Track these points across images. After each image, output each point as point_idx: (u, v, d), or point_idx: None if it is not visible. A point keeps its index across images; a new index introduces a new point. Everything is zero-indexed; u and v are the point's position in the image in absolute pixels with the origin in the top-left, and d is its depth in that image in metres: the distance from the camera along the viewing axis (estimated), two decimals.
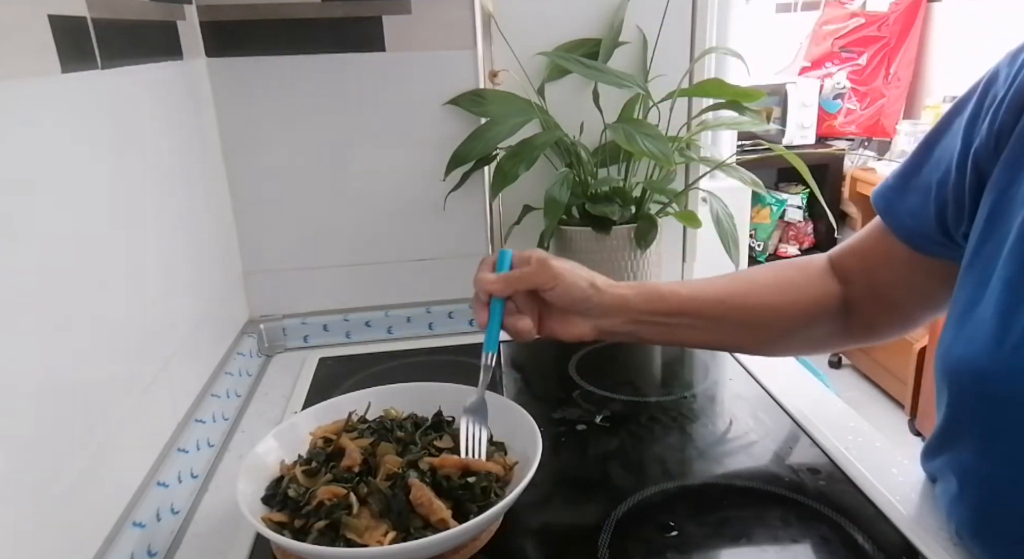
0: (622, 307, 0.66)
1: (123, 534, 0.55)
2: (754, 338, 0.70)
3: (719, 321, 0.68)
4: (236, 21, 0.88)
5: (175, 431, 0.69)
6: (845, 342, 0.71)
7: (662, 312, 0.66)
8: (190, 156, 0.83)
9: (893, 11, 2.78)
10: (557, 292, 0.64)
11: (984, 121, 0.53)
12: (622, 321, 0.66)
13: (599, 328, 0.66)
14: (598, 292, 0.65)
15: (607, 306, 0.66)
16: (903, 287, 0.64)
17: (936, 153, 0.58)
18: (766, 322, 0.68)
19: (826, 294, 0.68)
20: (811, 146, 2.83)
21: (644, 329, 0.67)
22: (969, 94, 0.56)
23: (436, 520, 0.54)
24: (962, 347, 0.51)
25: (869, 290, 0.66)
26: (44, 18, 0.52)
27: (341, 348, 0.99)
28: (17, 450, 0.45)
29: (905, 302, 0.65)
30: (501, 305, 0.64)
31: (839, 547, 0.57)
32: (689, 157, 1.00)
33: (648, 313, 0.66)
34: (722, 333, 0.68)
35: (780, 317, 0.68)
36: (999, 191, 0.51)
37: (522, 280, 0.64)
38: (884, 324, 0.68)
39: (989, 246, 0.51)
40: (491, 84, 0.97)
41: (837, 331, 0.69)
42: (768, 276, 0.72)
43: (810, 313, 0.68)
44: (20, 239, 0.48)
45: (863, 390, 2.71)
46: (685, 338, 0.69)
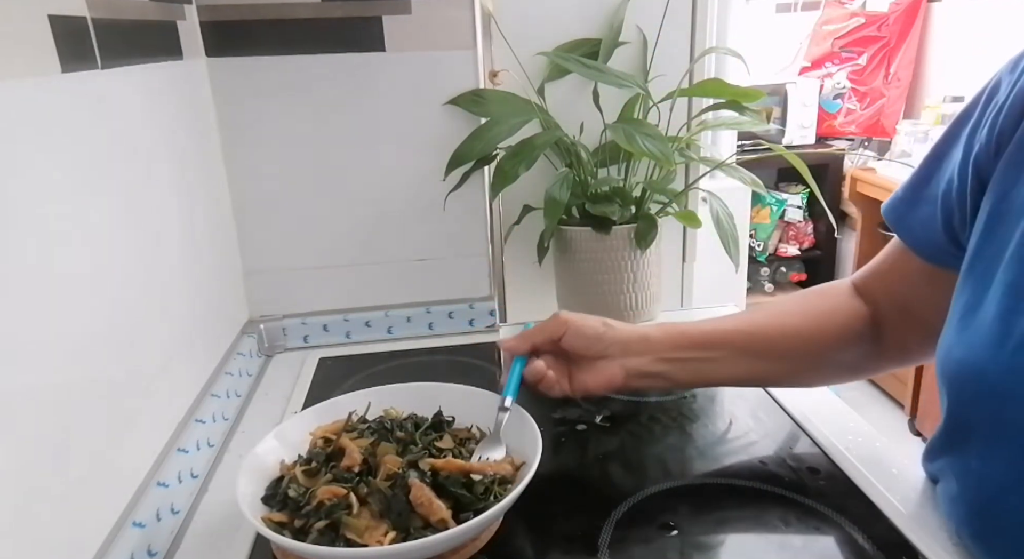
0: (643, 344, 0.66)
1: (123, 534, 0.55)
2: (786, 368, 0.69)
3: (748, 352, 0.67)
4: (236, 21, 0.88)
5: (175, 431, 0.69)
6: (880, 365, 0.70)
7: (687, 346, 0.66)
8: (190, 156, 0.83)
9: (893, 11, 2.78)
10: (570, 335, 0.66)
11: (984, 128, 0.53)
12: (649, 360, 0.66)
13: (627, 369, 0.66)
14: (611, 329, 0.66)
15: (625, 341, 0.66)
16: (925, 303, 0.62)
17: (943, 164, 0.58)
18: (796, 350, 0.67)
19: (854, 317, 0.67)
20: (811, 146, 2.83)
21: (674, 368, 0.66)
22: (973, 104, 0.56)
23: (436, 520, 0.54)
24: (963, 350, 0.51)
25: (895, 310, 0.66)
26: (44, 18, 0.52)
27: (341, 348, 0.99)
28: (17, 450, 0.45)
29: (931, 318, 0.61)
30: (521, 362, 0.67)
31: (839, 547, 0.57)
32: (689, 157, 1.00)
33: (672, 348, 0.66)
34: (753, 365, 0.68)
35: (809, 344, 0.67)
36: (999, 195, 0.51)
37: (536, 333, 0.67)
38: (917, 343, 0.67)
39: (989, 250, 0.51)
40: (491, 84, 0.97)
41: (870, 354, 0.68)
42: (792, 304, 0.71)
43: (840, 338, 0.67)
44: (20, 239, 0.48)
45: (863, 390, 2.71)
46: (716, 374, 0.69)
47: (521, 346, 0.67)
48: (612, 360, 0.66)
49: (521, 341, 0.67)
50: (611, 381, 0.66)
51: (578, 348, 0.66)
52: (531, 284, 1.09)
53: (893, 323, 0.66)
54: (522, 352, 0.67)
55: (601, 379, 0.66)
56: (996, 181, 0.51)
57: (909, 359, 0.70)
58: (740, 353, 0.67)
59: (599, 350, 0.66)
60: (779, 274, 3.00)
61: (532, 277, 1.07)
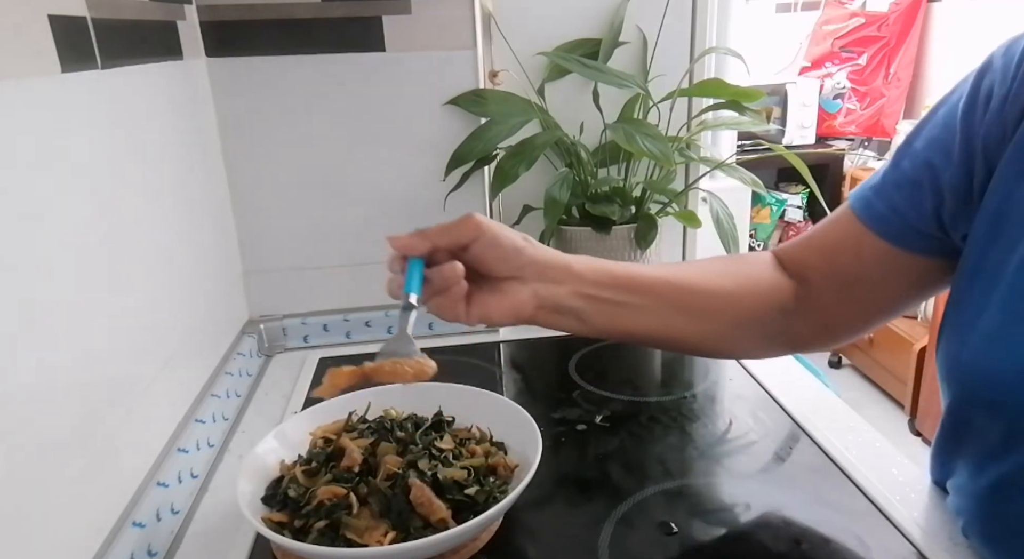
0: (565, 272, 0.58)
1: (123, 534, 0.55)
2: (706, 330, 0.63)
3: (671, 305, 0.61)
4: (236, 21, 0.88)
5: (175, 431, 0.69)
6: (798, 343, 0.66)
7: (610, 285, 0.59)
8: (190, 156, 0.83)
9: (893, 11, 2.78)
10: (483, 244, 0.55)
11: (986, 112, 0.51)
12: (567, 292, 0.58)
13: (539, 298, 0.57)
14: (532, 246, 0.57)
15: (544, 264, 0.57)
16: (874, 284, 0.60)
17: (920, 146, 0.56)
18: (720, 311, 0.62)
19: (778, 289, 0.63)
20: (811, 146, 2.83)
21: (591, 308, 0.58)
22: (960, 87, 0.54)
23: (436, 520, 0.54)
24: (971, 354, 0.50)
25: (834, 286, 0.62)
26: (44, 18, 0.52)
27: (341, 348, 0.99)
28: (17, 450, 0.45)
29: (875, 299, 0.61)
30: (419, 263, 0.56)
31: (839, 547, 0.57)
32: (689, 157, 1.00)
33: (595, 285, 0.58)
34: (674, 320, 0.61)
35: (735, 307, 0.62)
36: (1003, 194, 0.50)
37: (440, 233, 0.55)
38: (848, 323, 0.64)
39: (996, 251, 0.50)
40: (491, 84, 0.97)
41: (790, 330, 0.64)
42: (719, 264, 0.67)
43: (765, 305, 0.63)
44: (19, 238, 0.48)
45: (863, 390, 2.71)
46: (635, 325, 0.61)
47: (419, 246, 0.55)
48: (524, 284, 0.57)
49: (420, 239, 0.55)
50: (519, 310, 0.57)
51: (489, 261, 0.56)
52: None
53: (826, 300, 0.62)
54: (419, 253, 0.55)
55: (507, 306, 0.57)
56: (999, 178, 0.50)
57: (834, 339, 0.66)
58: (665, 305, 0.60)
59: (513, 268, 0.57)
60: None
61: None
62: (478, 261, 0.56)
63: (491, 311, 0.56)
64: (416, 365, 0.54)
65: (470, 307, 0.56)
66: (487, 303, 0.56)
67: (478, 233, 0.55)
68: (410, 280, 0.55)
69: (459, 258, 0.56)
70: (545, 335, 1.00)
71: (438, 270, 0.55)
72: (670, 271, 0.63)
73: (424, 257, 0.55)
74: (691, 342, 0.64)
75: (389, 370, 0.54)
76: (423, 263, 0.55)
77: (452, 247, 0.56)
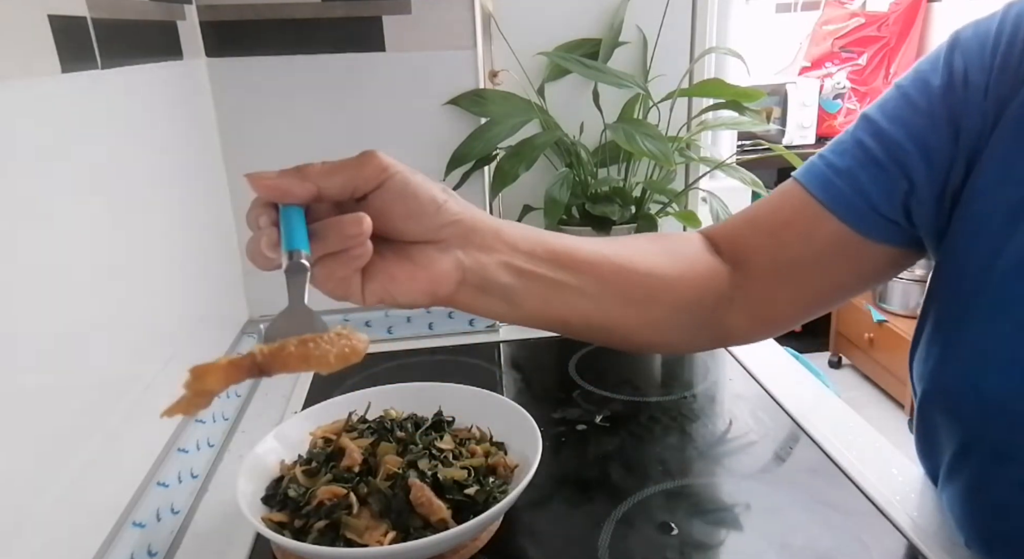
0: (494, 238, 0.46)
1: (123, 534, 0.55)
2: (642, 316, 0.55)
3: (609, 288, 0.52)
4: (236, 21, 0.88)
5: (175, 431, 0.69)
6: (725, 336, 0.61)
7: (545, 258, 0.49)
8: (190, 156, 0.83)
9: (893, 11, 2.78)
10: (389, 193, 0.42)
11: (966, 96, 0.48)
12: (496, 263, 0.46)
13: (464, 269, 0.45)
14: (454, 199, 0.46)
15: (471, 227, 0.45)
16: (818, 269, 0.55)
17: (887, 126, 0.52)
18: (657, 295, 0.55)
19: (715, 272, 0.58)
20: (811, 146, 2.82)
21: (523, 286, 0.48)
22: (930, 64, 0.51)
23: (436, 520, 0.54)
24: (957, 369, 0.48)
25: (774, 271, 0.57)
26: (44, 18, 0.52)
27: None
28: (17, 450, 0.45)
29: (814, 287, 0.57)
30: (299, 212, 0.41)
31: (840, 547, 0.57)
32: (689, 157, 1.01)
33: (529, 257, 0.48)
34: (610, 305, 0.53)
35: (671, 291, 0.55)
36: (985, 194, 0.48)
37: (330, 174, 0.42)
38: (777, 313, 0.59)
39: (977, 256, 0.47)
40: (491, 84, 0.97)
41: (720, 320, 0.58)
42: (652, 243, 0.59)
43: (701, 290, 0.56)
44: (20, 239, 0.48)
45: (863, 390, 2.71)
46: (569, 310, 0.51)
47: (296, 189, 0.41)
48: (443, 252, 0.44)
49: (297, 180, 0.41)
50: (436, 286, 0.44)
51: (396, 218, 0.43)
52: None
53: (764, 286, 0.57)
54: (297, 200, 0.41)
55: (420, 280, 0.44)
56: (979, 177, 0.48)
57: (765, 330, 0.61)
58: (603, 287, 0.52)
59: (429, 228, 0.44)
60: None
61: None
62: (381, 217, 0.42)
63: (398, 287, 0.43)
64: (338, 341, 0.39)
65: (368, 281, 0.43)
66: (393, 276, 0.43)
67: (383, 177, 0.42)
68: (293, 232, 0.40)
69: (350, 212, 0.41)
70: (545, 335, 1.00)
71: (333, 223, 0.40)
72: (607, 247, 0.54)
73: (303, 206, 0.41)
74: (622, 332, 0.55)
75: (297, 353, 0.38)
76: (303, 213, 0.41)
77: (343, 196, 0.42)
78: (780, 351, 0.92)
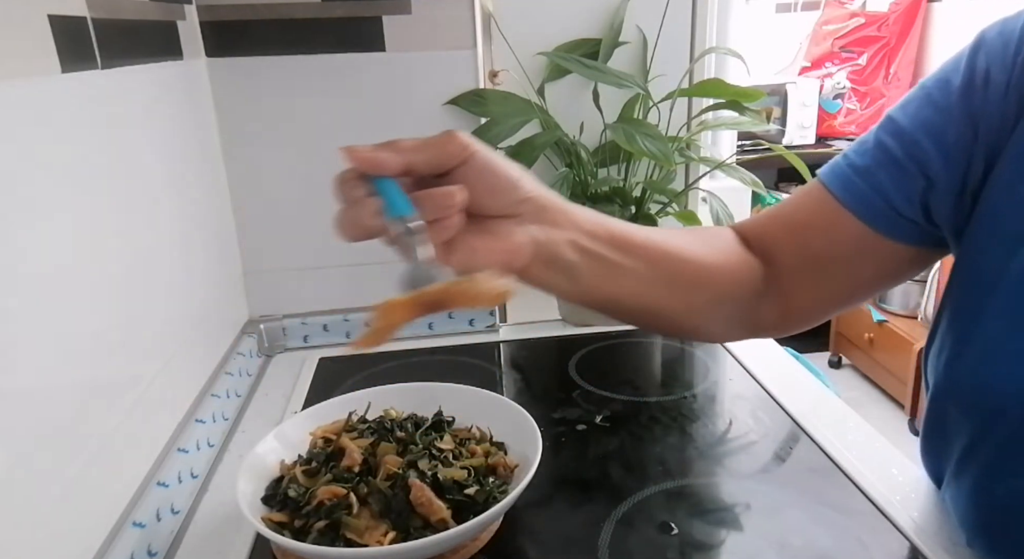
0: (563, 217, 0.49)
1: (123, 534, 0.55)
2: (686, 303, 0.57)
3: (660, 273, 0.54)
4: (236, 21, 0.88)
5: (175, 431, 0.69)
6: (756, 328, 0.62)
7: (607, 241, 0.51)
8: (190, 156, 0.83)
9: (893, 11, 2.78)
10: (473, 170, 0.44)
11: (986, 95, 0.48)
12: (565, 241, 0.48)
13: (537, 243, 0.47)
14: (528, 178, 0.47)
15: (543, 205, 0.48)
16: (841, 267, 0.57)
17: (907, 125, 0.52)
18: (702, 284, 0.57)
19: (750, 266, 0.59)
20: (811, 146, 2.83)
21: (585, 264, 0.50)
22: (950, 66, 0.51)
23: (436, 520, 0.54)
24: (972, 364, 0.48)
25: (798, 267, 0.58)
26: (44, 18, 0.52)
27: (341, 348, 0.99)
28: (17, 450, 0.45)
29: (837, 284, 0.58)
30: (393, 182, 0.43)
31: (840, 548, 0.57)
32: (689, 157, 1.01)
33: (592, 238, 0.50)
34: (660, 290, 0.54)
35: (714, 281, 0.57)
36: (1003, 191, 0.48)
37: (420, 150, 0.43)
38: (803, 309, 0.61)
39: (994, 252, 0.48)
40: (491, 84, 0.97)
41: (753, 312, 0.60)
42: (695, 236, 0.61)
43: (739, 282, 0.58)
44: (20, 239, 0.48)
45: (863, 390, 2.71)
46: (621, 290, 0.53)
47: (390, 162, 0.43)
48: (520, 225, 0.46)
49: (391, 154, 0.43)
50: (513, 257, 0.46)
51: (480, 193, 0.44)
52: None
53: (790, 282, 0.59)
54: (391, 172, 0.43)
55: (499, 251, 0.45)
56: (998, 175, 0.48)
57: (792, 325, 0.62)
58: (654, 271, 0.53)
59: (508, 204, 0.46)
60: None
61: None
62: (467, 181, 0.44)
63: (478, 258, 0.44)
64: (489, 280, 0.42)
65: (450, 253, 0.44)
66: (474, 248, 0.44)
67: (466, 154, 0.44)
68: (397, 200, 0.42)
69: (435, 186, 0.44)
70: (545, 335, 1.00)
71: (428, 194, 0.42)
72: (657, 234, 0.56)
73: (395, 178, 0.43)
74: (668, 315, 0.57)
75: (462, 290, 0.41)
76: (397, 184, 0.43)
77: (429, 170, 0.44)
78: (780, 351, 0.92)
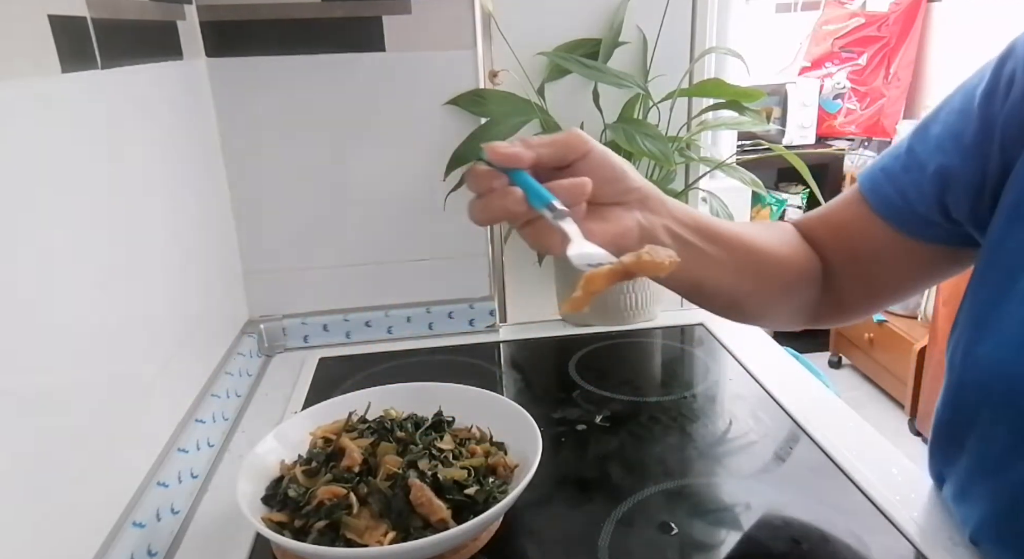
0: (661, 205, 0.54)
1: (123, 534, 0.55)
2: (759, 288, 0.61)
3: (737, 259, 0.58)
4: (236, 21, 0.88)
5: (175, 431, 0.69)
6: (815, 317, 0.67)
7: (695, 229, 0.56)
8: (190, 156, 0.83)
9: (893, 11, 2.78)
10: (591, 163, 0.50)
11: (1007, 99, 0.50)
12: (662, 226, 0.53)
13: (643, 227, 0.52)
14: (634, 171, 0.53)
15: (647, 193, 0.53)
16: (882, 265, 0.61)
17: (935, 131, 0.55)
18: (772, 272, 0.61)
19: (811, 258, 0.64)
20: (811, 146, 2.83)
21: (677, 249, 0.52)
22: (980, 72, 0.53)
23: (436, 520, 0.54)
24: (990, 348, 0.49)
25: (843, 261, 0.63)
26: (44, 18, 0.52)
27: (341, 348, 0.99)
28: (17, 450, 0.45)
29: (883, 279, 0.63)
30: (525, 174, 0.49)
31: (840, 548, 0.57)
32: (689, 157, 1.01)
33: (683, 225, 0.55)
34: (736, 275, 0.59)
35: (785, 270, 0.62)
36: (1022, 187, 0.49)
37: (547, 145, 0.49)
38: (856, 299, 0.65)
39: (1012, 241, 0.49)
40: (491, 84, 0.97)
41: (813, 302, 0.65)
42: (766, 229, 0.65)
43: (804, 273, 0.63)
44: (20, 239, 0.48)
45: (863, 390, 2.71)
46: (705, 275, 0.58)
47: (525, 157, 0.48)
48: (628, 210, 0.52)
49: (525, 149, 0.49)
50: (623, 239, 0.51)
51: (598, 182, 0.50)
52: (531, 284, 1.09)
53: (839, 276, 0.64)
54: (526, 166, 0.49)
55: (611, 234, 0.51)
56: (1018, 172, 0.49)
57: (846, 315, 0.67)
58: (734, 259, 0.58)
59: (619, 191, 0.52)
60: None
61: (532, 277, 1.07)
62: (587, 172, 0.50)
63: (596, 239, 0.49)
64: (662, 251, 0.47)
65: None
66: (591, 232, 0.49)
67: (586, 149, 0.50)
68: (540, 190, 0.47)
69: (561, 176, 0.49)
70: (545, 335, 1.00)
71: (558, 185, 0.48)
72: (739, 227, 0.61)
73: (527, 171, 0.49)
74: (741, 301, 0.63)
75: (648, 259, 0.46)
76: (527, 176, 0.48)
77: (555, 164, 0.50)
78: (780, 351, 0.92)
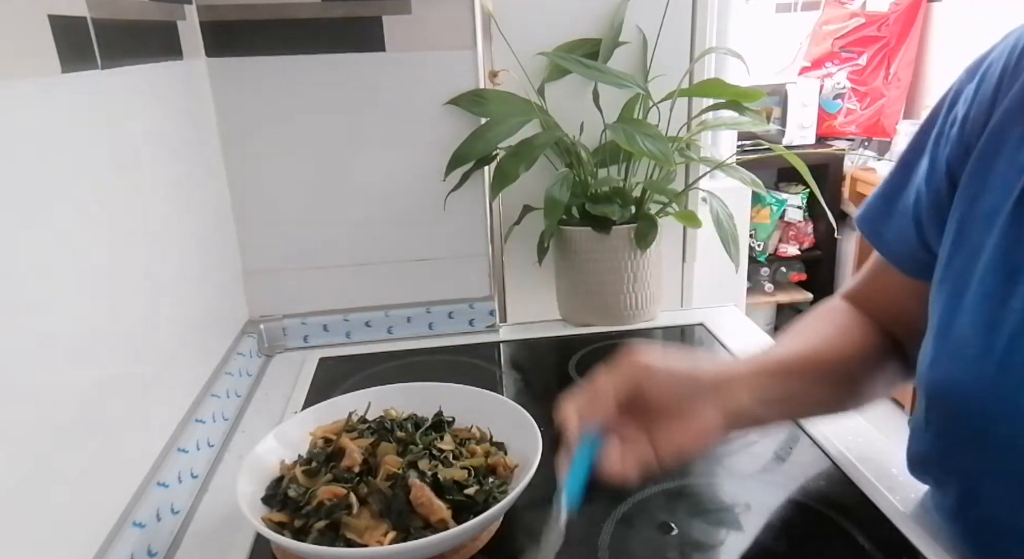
0: (738, 385, 0.54)
1: (123, 534, 0.55)
2: (842, 391, 0.62)
3: (818, 379, 0.59)
4: (236, 21, 0.88)
5: (175, 431, 0.69)
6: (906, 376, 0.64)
7: (772, 385, 0.56)
8: (190, 156, 0.83)
9: (893, 11, 2.78)
10: (658, 383, 0.51)
11: (948, 139, 0.53)
12: (748, 401, 0.54)
13: (727, 413, 0.52)
14: (700, 367, 0.54)
15: (719, 384, 0.53)
16: (915, 317, 0.58)
17: (912, 174, 0.58)
18: (852, 375, 0.61)
19: (868, 332, 0.63)
20: (811, 146, 2.83)
21: (766, 411, 0.56)
22: (935, 113, 0.56)
23: (436, 520, 0.54)
24: (945, 365, 0.50)
25: (892, 323, 0.63)
26: (44, 18, 0.52)
27: (341, 348, 0.99)
28: (17, 450, 0.45)
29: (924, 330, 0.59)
30: (591, 447, 0.50)
31: (839, 547, 0.57)
32: (689, 157, 1.01)
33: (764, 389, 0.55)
34: (822, 392, 0.60)
35: (858, 363, 0.61)
36: (967, 202, 0.51)
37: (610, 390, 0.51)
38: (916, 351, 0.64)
39: (959, 260, 0.50)
40: (491, 84, 0.97)
41: (895, 367, 0.63)
42: (822, 325, 0.65)
43: (873, 348, 0.62)
44: (20, 239, 0.48)
45: None
46: (793, 412, 0.62)
47: (596, 414, 0.50)
48: (705, 403, 0.52)
49: (594, 405, 0.50)
50: (709, 432, 0.51)
51: (667, 398, 0.51)
52: (531, 284, 1.09)
53: (897, 335, 0.63)
54: (600, 419, 0.51)
55: (695, 433, 0.51)
56: (963, 188, 0.51)
57: None
58: (812, 381, 0.58)
59: (692, 397, 0.52)
60: (779, 274, 3.00)
61: (532, 277, 1.07)
62: (657, 400, 0.51)
63: (684, 443, 0.51)
64: None
65: (658, 446, 0.51)
66: (673, 440, 0.51)
67: (649, 374, 0.51)
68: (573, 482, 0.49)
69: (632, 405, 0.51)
70: (545, 335, 1.00)
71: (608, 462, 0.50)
72: (806, 345, 0.61)
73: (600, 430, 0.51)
74: (830, 407, 0.63)
75: None
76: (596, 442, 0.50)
77: (627, 400, 0.51)
78: None
